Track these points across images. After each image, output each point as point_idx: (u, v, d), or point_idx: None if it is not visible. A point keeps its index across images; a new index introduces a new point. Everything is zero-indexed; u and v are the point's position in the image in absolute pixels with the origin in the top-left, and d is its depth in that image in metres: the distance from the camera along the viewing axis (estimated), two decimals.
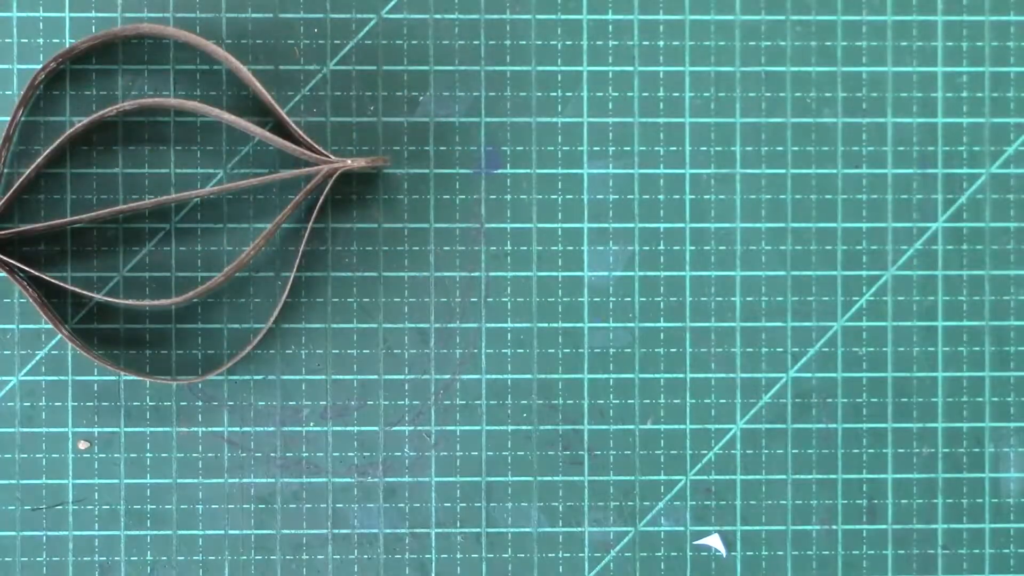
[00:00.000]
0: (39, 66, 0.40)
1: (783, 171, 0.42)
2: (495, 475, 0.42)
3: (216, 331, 0.41)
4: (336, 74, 0.41)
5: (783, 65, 0.42)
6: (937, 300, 0.42)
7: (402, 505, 0.41)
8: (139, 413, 0.41)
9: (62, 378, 0.41)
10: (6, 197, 0.39)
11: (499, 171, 0.42)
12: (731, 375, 0.42)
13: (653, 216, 0.42)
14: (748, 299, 0.42)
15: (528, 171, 0.42)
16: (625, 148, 0.42)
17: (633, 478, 0.42)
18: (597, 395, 0.42)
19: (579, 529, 0.42)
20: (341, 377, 0.41)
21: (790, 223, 0.42)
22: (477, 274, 0.42)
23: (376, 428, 0.41)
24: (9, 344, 0.41)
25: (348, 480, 0.41)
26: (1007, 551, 0.42)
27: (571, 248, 0.42)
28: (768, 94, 0.42)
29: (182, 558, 0.41)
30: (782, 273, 0.42)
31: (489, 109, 0.42)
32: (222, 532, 0.41)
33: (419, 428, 0.41)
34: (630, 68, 0.42)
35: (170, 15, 0.41)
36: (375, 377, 0.41)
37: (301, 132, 0.39)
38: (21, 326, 0.41)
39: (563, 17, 0.42)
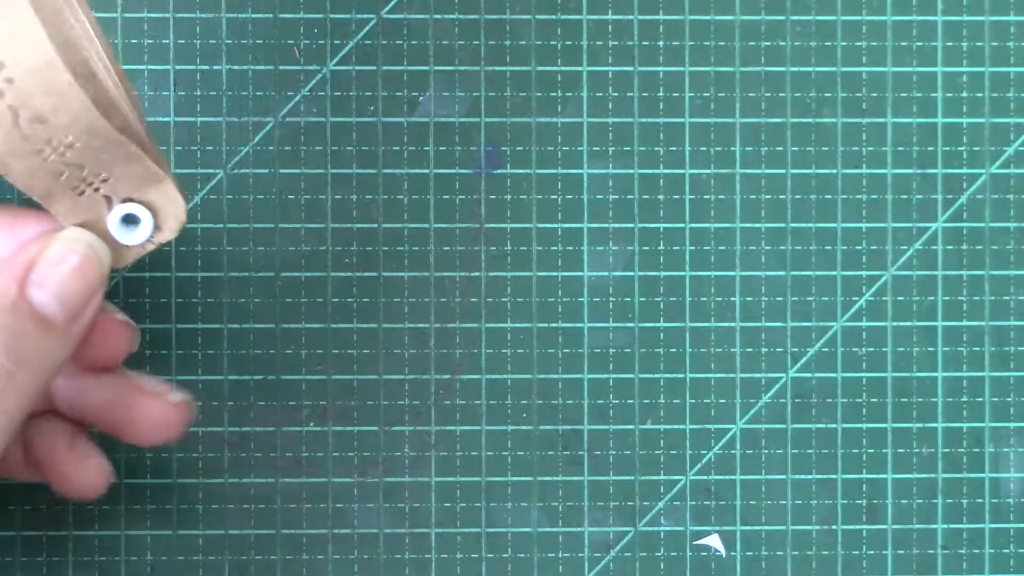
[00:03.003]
0: None
1: (783, 171, 0.42)
2: (495, 475, 0.42)
3: (216, 331, 0.41)
4: (336, 74, 0.41)
5: (783, 65, 0.42)
6: (937, 300, 0.42)
7: (402, 505, 0.41)
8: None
9: None
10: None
11: (499, 171, 0.42)
12: (731, 375, 0.42)
13: (653, 216, 0.42)
14: (748, 299, 0.42)
15: (528, 171, 0.42)
16: (625, 148, 0.42)
17: (633, 478, 0.42)
18: (597, 395, 0.42)
19: (579, 529, 0.42)
20: (341, 377, 0.41)
21: (790, 223, 0.42)
22: (477, 274, 0.42)
23: (376, 428, 0.41)
24: None
25: (348, 480, 0.41)
26: (1007, 551, 0.42)
27: (571, 248, 0.42)
28: (768, 94, 0.42)
29: (182, 558, 0.41)
30: (782, 273, 0.42)
31: (489, 109, 0.42)
32: (222, 532, 0.41)
33: (419, 428, 0.41)
34: (630, 68, 0.42)
35: (170, 15, 0.41)
36: (375, 377, 0.41)
37: None
38: None
39: (563, 17, 0.42)
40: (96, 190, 0.29)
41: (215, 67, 0.41)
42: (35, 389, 0.27)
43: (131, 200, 0.30)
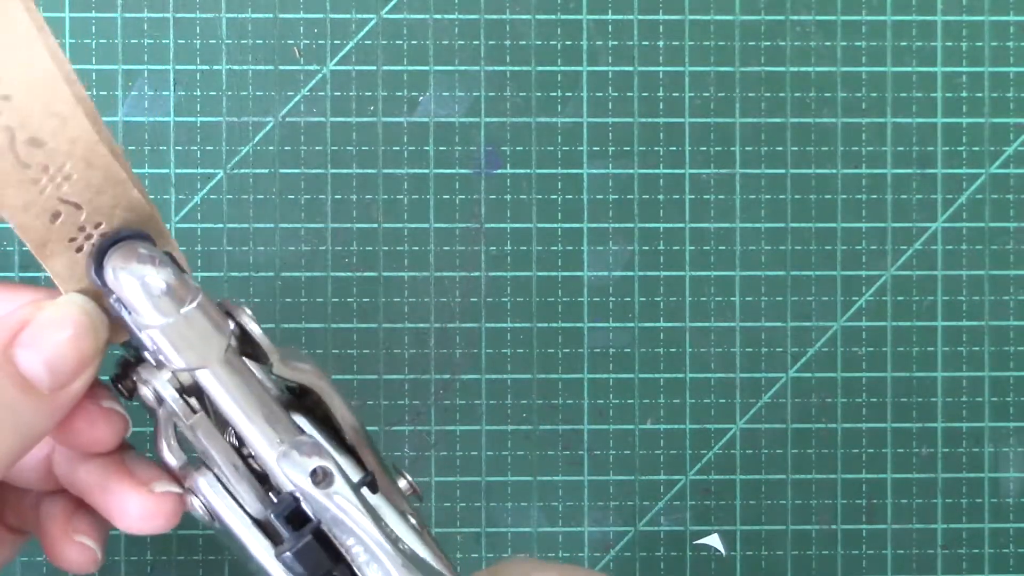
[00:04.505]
0: None
1: (783, 171, 0.42)
2: (495, 475, 0.42)
3: None
4: (336, 74, 0.41)
5: (783, 65, 0.42)
6: (937, 300, 0.42)
7: None
8: (140, 412, 0.41)
9: None
10: None
11: (499, 171, 0.42)
12: (731, 375, 0.42)
13: (653, 216, 0.42)
14: (748, 299, 0.42)
15: (528, 171, 0.42)
16: (625, 148, 0.42)
17: (633, 478, 0.42)
18: (597, 395, 0.42)
19: (579, 529, 0.42)
20: (341, 377, 0.41)
21: (790, 223, 0.42)
22: (477, 274, 0.42)
23: (376, 428, 0.41)
24: None
25: None
26: (1007, 551, 0.42)
27: (571, 248, 0.42)
28: (768, 94, 0.42)
29: (182, 558, 0.41)
30: (782, 273, 0.42)
31: (489, 109, 0.42)
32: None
33: (419, 428, 0.41)
34: (630, 68, 0.42)
35: (170, 15, 0.41)
36: (375, 377, 0.41)
37: None
38: None
39: (563, 17, 0.42)
40: (95, 246, 0.27)
41: (215, 67, 0.41)
42: (8, 453, 0.25)
43: None
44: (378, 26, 0.41)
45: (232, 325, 0.28)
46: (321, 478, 0.27)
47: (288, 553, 0.27)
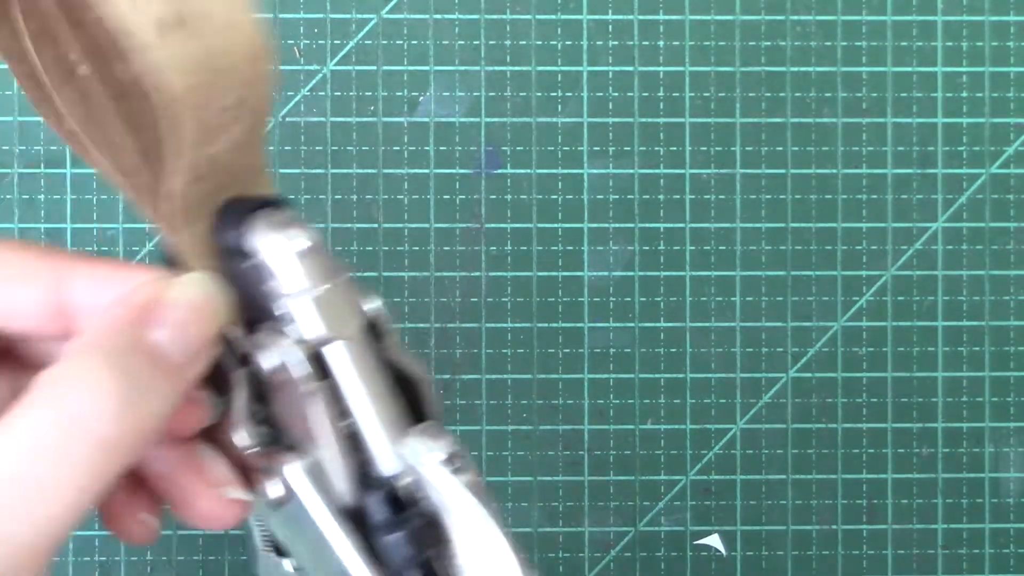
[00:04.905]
0: None
1: (783, 171, 0.42)
2: (495, 475, 0.42)
3: None
4: (336, 74, 0.41)
5: (783, 65, 0.42)
6: (937, 300, 0.42)
7: None
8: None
9: None
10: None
11: (499, 171, 0.42)
12: (731, 375, 0.42)
13: (653, 216, 0.42)
14: (748, 299, 0.42)
15: (528, 171, 0.42)
16: (625, 148, 0.42)
17: (633, 478, 0.42)
18: (597, 395, 0.42)
19: (579, 529, 0.42)
20: None
21: (790, 223, 0.42)
22: (477, 274, 0.42)
23: None
24: None
25: None
26: (1007, 551, 0.42)
27: (571, 248, 0.42)
28: (768, 94, 0.42)
29: (182, 558, 0.41)
30: (782, 273, 0.42)
31: (489, 109, 0.42)
32: (222, 532, 0.41)
33: None
34: (630, 68, 0.42)
35: None
36: None
37: None
38: None
39: (563, 17, 0.42)
40: (229, 206, 0.27)
41: None
42: (147, 430, 0.26)
43: None
44: (378, 26, 0.42)
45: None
46: (456, 463, 0.27)
47: (399, 533, 0.26)
